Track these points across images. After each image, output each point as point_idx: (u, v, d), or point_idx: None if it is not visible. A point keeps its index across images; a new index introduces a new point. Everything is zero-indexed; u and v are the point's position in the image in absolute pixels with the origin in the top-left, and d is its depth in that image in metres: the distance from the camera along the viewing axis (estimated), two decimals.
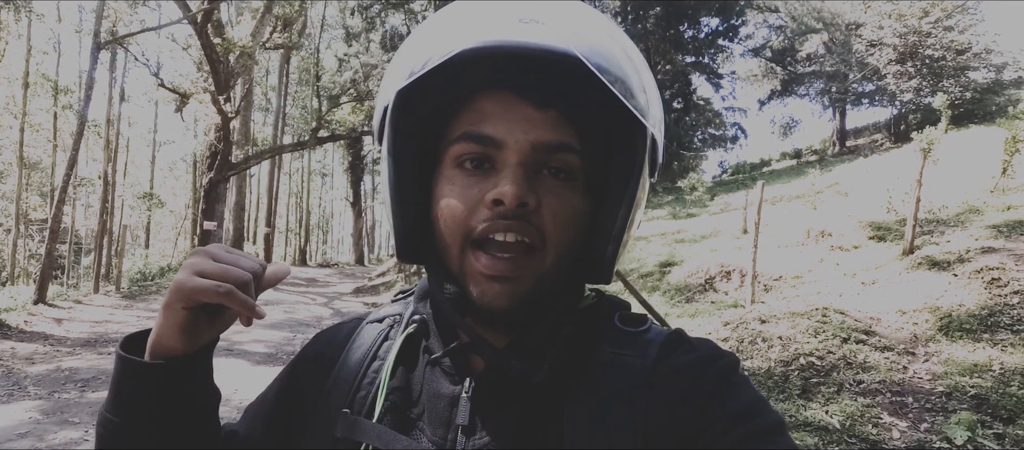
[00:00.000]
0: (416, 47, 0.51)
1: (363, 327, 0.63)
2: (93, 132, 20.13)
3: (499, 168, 0.50)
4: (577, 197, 0.52)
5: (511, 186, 0.48)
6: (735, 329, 4.97)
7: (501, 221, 0.48)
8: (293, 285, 16.22)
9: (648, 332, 0.55)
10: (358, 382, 0.58)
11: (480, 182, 0.50)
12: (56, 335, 7.49)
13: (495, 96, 0.51)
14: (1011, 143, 7.86)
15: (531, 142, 0.50)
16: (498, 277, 0.49)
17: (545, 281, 0.51)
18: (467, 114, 0.52)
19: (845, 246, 7.44)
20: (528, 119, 0.50)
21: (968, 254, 5.27)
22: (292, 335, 8.25)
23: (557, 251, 0.51)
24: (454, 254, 0.51)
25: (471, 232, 0.50)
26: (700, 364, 0.51)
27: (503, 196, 0.48)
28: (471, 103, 0.52)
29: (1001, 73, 18.85)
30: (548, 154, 0.50)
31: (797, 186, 14.59)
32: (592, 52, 0.47)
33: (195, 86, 15.63)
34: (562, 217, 0.50)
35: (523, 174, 0.49)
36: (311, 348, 0.65)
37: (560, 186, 0.51)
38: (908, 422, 3.21)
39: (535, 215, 0.49)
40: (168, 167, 32.11)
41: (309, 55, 24.24)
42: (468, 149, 0.51)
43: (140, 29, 15.56)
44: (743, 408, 0.47)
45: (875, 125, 26.47)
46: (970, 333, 4.11)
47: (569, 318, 0.54)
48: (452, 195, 0.51)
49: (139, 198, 23.20)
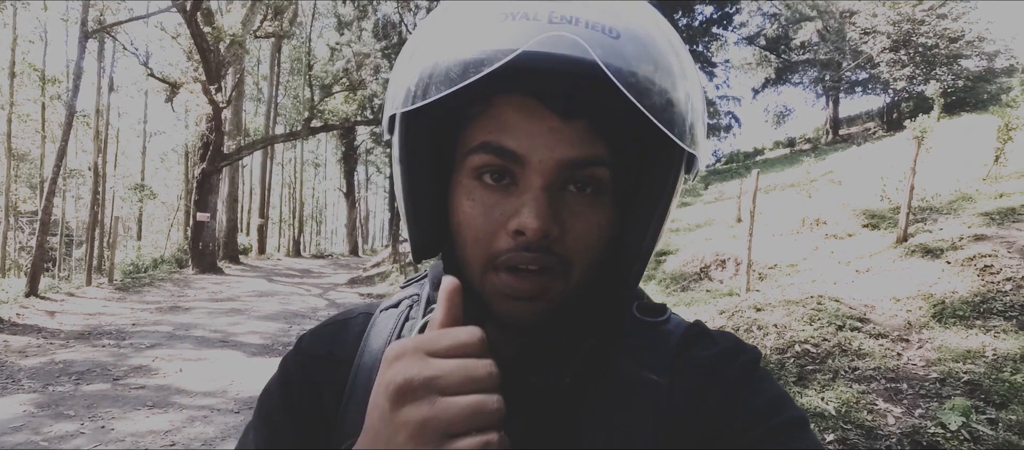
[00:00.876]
0: (425, 51, 0.46)
1: (378, 316, 0.61)
2: (82, 123, 19.91)
3: (521, 185, 0.46)
4: (604, 212, 0.48)
5: (534, 220, 0.44)
6: (730, 317, 5.00)
7: (523, 255, 0.46)
8: (287, 276, 16.18)
9: (668, 323, 0.54)
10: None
11: (501, 201, 0.47)
12: (49, 328, 7.44)
13: (516, 102, 0.46)
14: (1004, 131, 7.90)
15: (557, 160, 0.45)
16: (522, 297, 0.47)
17: (569, 299, 0.49)
18: (485, 121, 0.47)
19: (839, 234, 7.48)
20: (553, 131, 0.45)
21: (961, 241, 5.31)
22: (288, 326, 8.23)
23: (582, 270, 0.48)
24: (475, 272, 0.48)
25: (494, 257, 0.47)
26: (722, 359, 0.50)
27: (525, 229, 0.44)
28: (490, 107, 0.47)
29: (993, 61, 18.94)
30: (574, 170, 0.46)
31: (791, 174, 14.64)
32: (631, 61, 0.42)
33: (185, 76, 15.46)
34: (588, 240, 0.47)
35: (546, 200, 0.45)
36: (316, 345, 0.60)
37: (586, 204, 0.47)
38: (903, 408, 3.24)
39: (559, 243, 0.46)
40: (159, 158, 31.77)
41: (301, 44, 24.01)
42: (487, 161, 0.47)
43: (128, 17, 15.32)
44: (766, 404, 0.46)
45: (868, 113, 26.59)
46: (963, 320, 4.15)
47: (593, 328, 0.52)
48: (473, 213, 0.47)
49: (130, 189, 22.97)
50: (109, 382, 5.18)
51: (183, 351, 6.44)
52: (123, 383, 5.16)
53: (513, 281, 0.46)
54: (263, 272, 17.02)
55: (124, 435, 3.95)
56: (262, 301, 10.69)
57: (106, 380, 5.24)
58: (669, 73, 0.45)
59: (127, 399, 4.71)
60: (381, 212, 51.86)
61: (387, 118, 0.51)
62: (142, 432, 4.01)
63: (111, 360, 5.95)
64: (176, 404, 4.65)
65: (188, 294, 11.18)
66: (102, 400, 4.66)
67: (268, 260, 22.69)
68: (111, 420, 4.23)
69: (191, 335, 7.34)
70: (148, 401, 4.67)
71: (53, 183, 10.02)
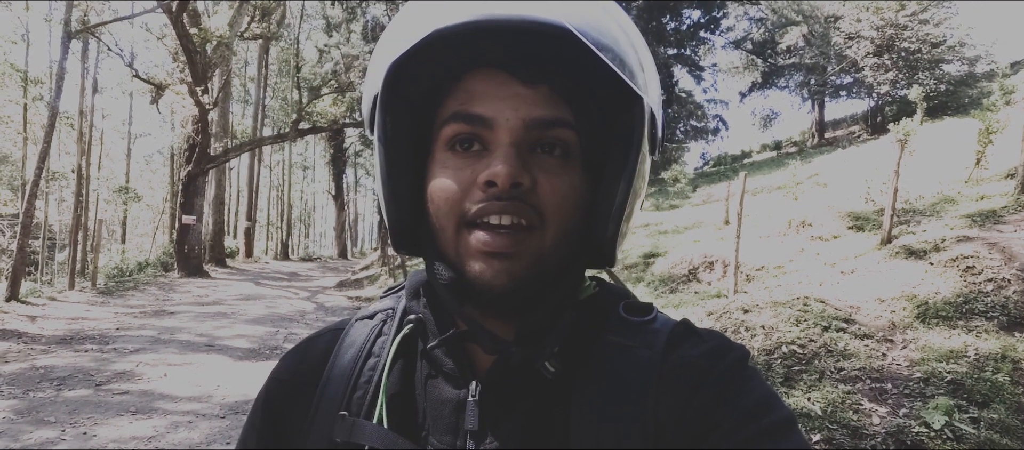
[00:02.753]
0: (399, 29, 0.50)
1: (352, 325, 0.60)
2: (65, 124, 19.61)
3: (491, 149, 0.48)
4: (575, 175, 0.50)
5: (503, 166, 0.46)
6: (719, 319, 5.03)
7: (495, 203, 0.47)
8: (275, 280, 16.04)
9: (654, 322, 0.53)
10: (353, 382, 0.54)
11: (472, 164, 0.49)
12: (30, 333, 7.30)
13: (483, 74, 0.49)
14: (984, 134, 8.04)
15: (522, 119, 0.48)
16: (496, 253, 0.47)
17: (546, 261, 0.49)
18: (456, 95, 0.50)
19: (825, 236, 7.56)
20: (518, 95, 0.48)
21: (944, 243, 5.39)
22: (275, 330, 8.15)
23: (557, 230, 0.49)
24: (449, 236, 0.49)
25: (465, 214, 0.48)
26: (710, 358, 0.50)
27: (495, 177, 0.46)
28: (460, 83, 0.50)
29: (974, 66, 19.27)
30: (541, 130, 0.48)
31: (778, 177, 14.79)
32: (585, 25, 0.45)
33: (171, 77, 15.30)
34: (560, 195, 0.49)
35: (516, 153, 0.47)
36: (282, 370, 0.60)
37: (556, 163, 0.49)
38: (887, 408, 3.28)
39: (531, 194, 0.48)
40: (144, 160, 31.45)
41: (289, 46, 23.86)
42: (458, 130, 0.49)
43: (112, 18, 15.15)
44: (754, 405, 0.46)
45: (853, 117, 26.93)
46: (946, 320, 4.21)
47: (571, 303, 0.53)
48: (444, 177, 0.49)
49: (115, 192, 22.69)
50: (91, 388, 5.10)
51: (168, 356, 6.35)
52: (106, 389, 5.08)
53: (487, 237, 0.47)
54: (250, 275, 16.85)
55: (106, 441, 3.88)
56: (249, 305, 10.58)
57: (88, 386, 5.16)
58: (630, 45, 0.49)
59: (110, 405, 4.63)
60: (370, 215, 51.65)
61: (368, 101, 0.53)
62: (125, 438, 3.94)
63: (94, 365, 5.85)
64: (160, 410, 4.58)
65: (173, 298, 11.04)
66: (84, 406, 4.58)
67: (255, 263, 22.48)
68: (93, 426, 4.15)
69: (176, 339, 7.24)
70: (131, 407, 4.60)
71: (35, 185, 9.85)
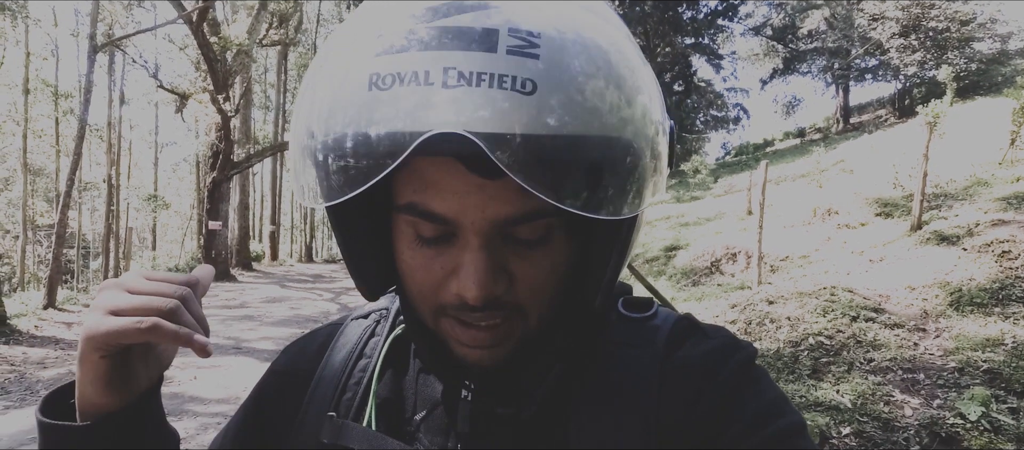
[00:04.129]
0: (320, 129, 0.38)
1: (347, 325, 0.58)
2: (95, 136, 20.21)
3: (458, 242, 0.42)
4: (556, 252, 0.44)
5: (474, 288, 0.40)
6: (743, 311, 4.95)
7: (471, 315, 0.43)
8: (299, 281, 16.29)
9: (655, 317, 0.51)
10: (343, 383, 0.53)
11: (440, 255, 0.43)
12: (67, 339, 7.53)
13: (437, 161, 0.39)
14: (1019, 113, 7.75)
15: (490, 220, 0.40)
16: (478, 346, 0.44)
17: (529, 338, 0.46)
18: (408, 177, 0.41)
19: (852, 224, 7.38)
20: (482, 188, 0.39)
21: (977, 227, 5.21)
22: (299, 331, 8.27)
23: (540, 311, 0.45)
24: (426, 315, 0.46)
25: (442, 306, 0.44)
26: (715, 357, 0.47)
27: (466, 297, 0.41)
28: (409, 163, 0.37)
29: (1006, 43, 18.60)
30: (513, 226, 0.41)
31: (801, 165, 14.49)
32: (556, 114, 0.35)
33: (194, 86, 15.62)
34: (540, 283, 0.44)
35: (486, 261, 0.40)
36: (280, 362, 0.60)
37: (535, 249, 0.43)
38: (920, 399, 3.18)
39: (508, 294, 0.43)
40: (171, 168, 32.21)
41: (307, 51, 24.18)
42: (418, 225, 0.43)
43: (135, 30, 15.53)
44: (762, 409, 0.44)
45: (879, 101, 26.24)
46: (981, 307, 4.07)
47: (561, 356, 0.49)
48: (413, 265, 0.44)
49: (144, 200, 23.28)
50: None
51: (197, 359, 6.47)
52: None
53: (465, 333, 0.44)
54: (276, 278, 17.15)
55: None
56: (274, 307, 10.76)
57: None
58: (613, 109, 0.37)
59: None
60: None
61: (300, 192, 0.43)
62: None
63: None
64: (190, 411, 4.68)
65: (202, 302, 11.28)
66: None
67: (281, 266, 22.86)
68: None
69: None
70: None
71: (67, 196, 10.16)
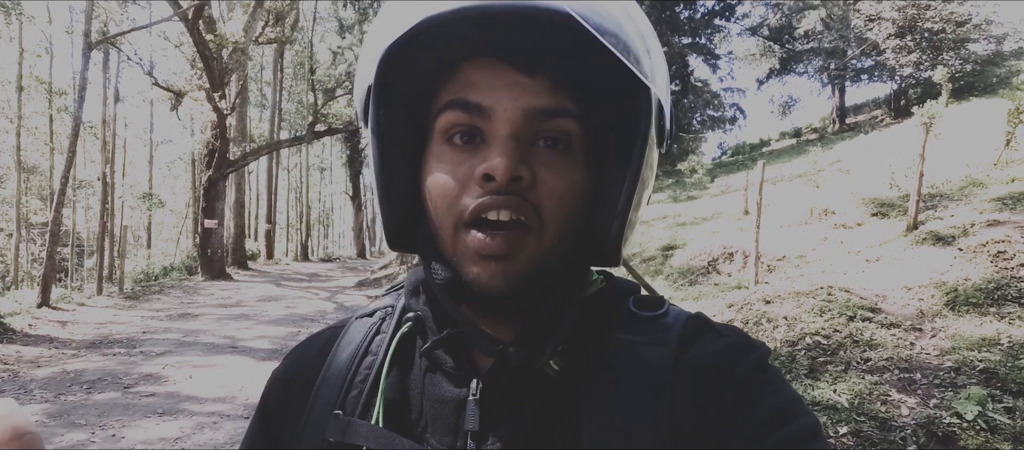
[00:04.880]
0: (390, 17, 0.47)
1: (350, 325, 0.58)
2: (89, 133, 20.08)
3: (489, 141, 0.46)
4: (576, 170, 0.47)
5: (501, 159, 0.43)
6: (740, 311, 4.96)
7: (493, 198, 0.44)
8: (295, 281, 16.23)
9: (666, 316, 0.51)
10: (349, 380, 0.52)
11: (470, 157, 0.46)
12: (61, 338, 7.49)
13: (480, 64, 0.47)
14: (1014, 114, 7.78)
15: (522, 109, 0.45)
16: (493, 256, 0.45)
17: (545, 262, 0.46)
18: (451, 84, 0.48)
19: (848, 224, 7.40)
20: (517, 85, 0.46)
21: (973, 228, 5.23)
22: (296, 330, 8.25)
23: (556, 229, 0.46)
24: (447, 235, 0.47)
25: (463, 212, 0.46)
26: (730, 356, 0.47)
27: (493, 171, 0.44)
28: (454, 73, 0.48)
29: (1001, 44, 18.67)
30: (542, 121, 0.46)
31: (798, 165, 14.53)
32: (587, 9, 0.41)
33: (189, 84, 15.53)
34: (560, 191, 0.46)
35: (515, 146, 0.45)
36: (282, 369, 0.59)
37: (557, 157, 0.46)
38: (917, 398, 3.19)
39: (530, 191, 0.45)
40: (167, 166, 32.00)
41: (303, 49, 24.07)
42: (455, 119, 0.47)
43: (130, 28, 15.43)
44: (777, 410, 0.44)
45: (875, 101, 26.31)
46: (977, 307, 4.08)
47: (574, 303, 0.50)
48: (441, 172, 0.47)
49: (139, 198, 23.13)
50: (119, 390, 5.21)
51: (192, 358, 6.46)
52: (133, 391, 5.19)
53: (483, 239, 0.45)
54: (271, 277, 17.09)
55: (135, 442, 3.96)
56: (270, 306, 10.73)
57: (116, 388, 5.27)
58: (639, 35, 0.45)
59: (137, 407, 4.73)
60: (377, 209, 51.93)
61: (360, 96, 0.51)
62: (152, 440, 4.02)
63: (121, 368, 5.98)
64: (186, 411, 4.66)
65: (197, 301, 11.24)
66: (113, 408, 4.69)
67: (276, 265, 22.79)
68: (121, 428, 4.24)
69: (200, 341, 7.37)
70: (158, 409, 4.69)
71: (61, 194, 10.09)
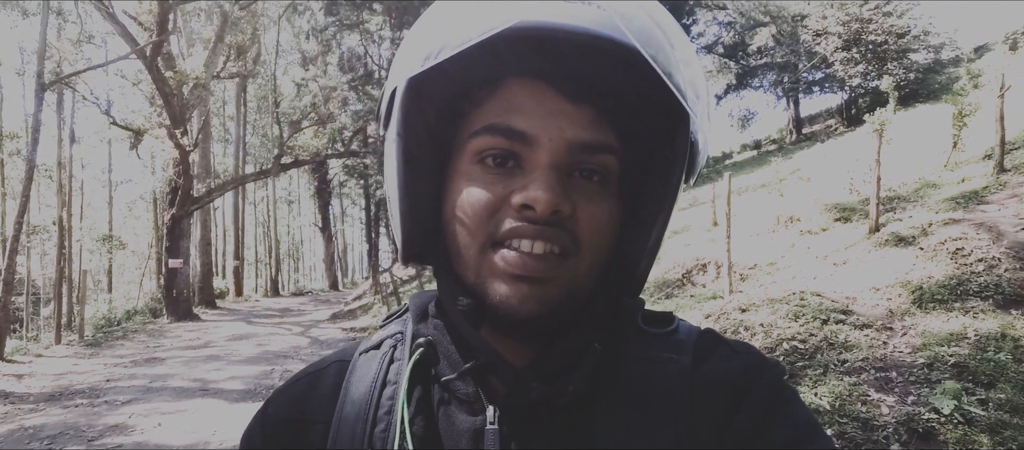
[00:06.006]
0: (434, 24, 0.44)
1: (356, 361, 0.55)
2: (44, 177, 19.34)
3: (526, 168, 0.44)
4: (612, 202, 0.47)
5: (544, 192, 0.42)
6: (717, 320, 5.02)
7: (530, 227, 0.43)
8: (267, 317, 15.80)
9: (677, 332, 0.51)
10: (372, 416, 0.49)
11: (504, 180, 0.44)
12: (17, 392, 7.09)
13: (523, 84, 0.45)
14: (958, 118, 8.20)
15: (568, 141, 0.44)
16: (527, 277, 0.43)
17: (577, 290, 0.45)
18: (492, 103, 0.46)
19: (813, 230, 7.62)
20: (564, 113, 0.44)
21: (931, 227, 5.45)
22: (270, 368, 8.00)
23: (591, 259, 0.45)
24: (472, 255, 0.45)
25: (493, 233, 0.44)
26: (747, 374, 0.47)
27: (534, 203, 0.42)
28: (496, 91, 0.46)
29: (939, 53, 19.73)
30: (584, 155, 0.44)
31: (760, 175, 14.95)
32: (655, 48, 0.41)
33: (149, 121, 15.17)
34: (598, 224, 0.45)
35: (556, 177, 0.43)
36: (285, 409, 0.54)
37: (595, 190, 0.45)
38: (895, 396, 3.27)
39: (569, 221, 0.44)
40: (127, 207, 31.02)
41: (266, 82, 23.83)
42: (493, 143, 0.45)
43: (86, 67, 15.04)
44: (795, 432, 0.44)
45: (828, 111, 27.39)
46: (942, 303, 4.23)
47: (598, 333, 0.48)
48: (472, 191, 0.45)
49: (98, 241, 22.31)
50: (83, 444, 4.94)
51: (160, 404, 6.19)
52: (98, 444, 4.93)
53: (518, 258, 0.43)
54: (241, 315, 16.59)
55: None
56: (241, 345, 10.39)
57: (80, 442, 5.00)
58: (680, 52, 0.44)
59: None
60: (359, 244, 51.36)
61: (387, 96, 0.49)
62: None
63: (84, 421, 5.68)
64: None
65: (164, 344, 10.82)
66: None
67: (246, 302, 22.16)
68: None
69: (169, 386, 7.07)
70: None
71: (15, 241, 9.65)
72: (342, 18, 22.29)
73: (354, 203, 40.27)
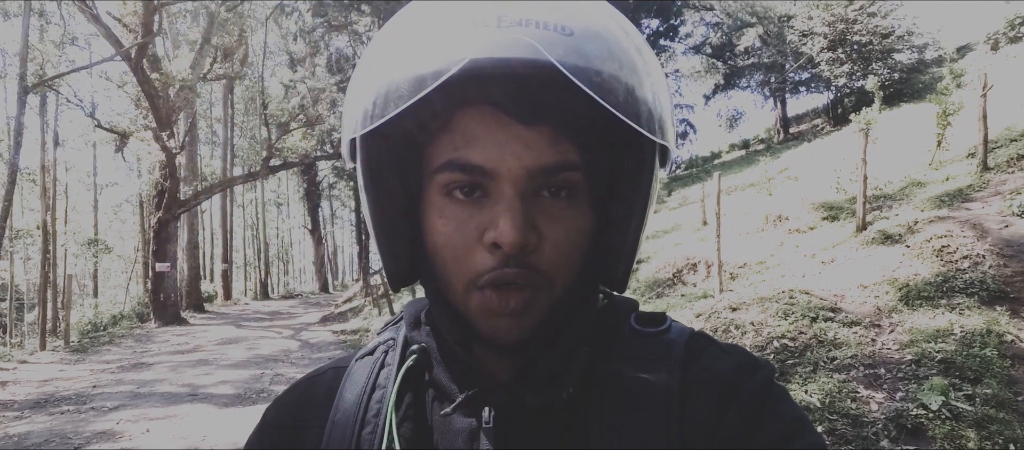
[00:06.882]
0: (371, 75, 0.45)
1: (352, 366, 0.56)
2: (27, 180, 19.05)
3: (493, 196, 0.45)
4: (581, 216, 0.47)
5: (511, 232, 0.43)
6: (708, 319, 5.06)
7: (505, 272, 0.44)
8: (256, 320, 15.67)
9: (669, 332, 0.52)
10: (361, 418, 0.51)
11: (475, 214, 0.45)
12: (1, 400, 6.97)
13: (476, 113, 0.44)
14: (942, 117, 8.31)
15: (527, 168, 0.44)
16: (508, 313, 0.45)
17: (557, 306, 0.47)
18: (447, 137, 0.45)
19: (802, 228, 7.69)
20: (518, 139, 0.44)
21: (917, 225, 5.52)
22: (259, 372, 7.93)
23: (565, 279, 0.47)
24: (458, 293, 0.47)
25: (474, 277, 0.45)
26: (738, 374, 0.48)
27: (500, 242, 0.43)
28: (450, 122, 0.45)
29: (923, 53, 20.00)
30: (546, 177, 0.45)
31: (749, 175, 15.07)
32: (589, 58, 0.40)
33: (135, 124, 15.01)
34: (567, 246, 0.46)
35: (520, 208, 0.44)
36: (280, 415, 0.56)
37: (562, 208, 0.46)
38: (884, 393, 3.31)
39: (536, 253, 0.45)
40: (113, 210, 30.62)
41: (253, 84, 23.65)
42: (454, 178, 0.45)
43: (69, 69, 14.84)
44: (785, 429, 0.45)
45: (815, 111, 27.67)
46: (929, 300, 4.29)
47: (585, 337, 0.50)
48: (446, 231, 0.46)
49: (83, 245, 21.99)
50: None
51: (149, 410, 6.12)
52: None
53: (497, 298, 0.45)
54: (230, 318, 16.45)
55: None
56: (230, 349, 10.30)
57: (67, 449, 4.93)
58: (632, 69, 0.43)
59: None
60: (349, 246, 51.07)
61: (346, 144, 0.49)
62: None
63: (71, 428, 5.60)
64: None
65: (151, 349, 10.69)
66: None
67: (235, 306, 21.97)
68: None
69: (157, 392, 6.99)
70: None
71: None
72: (330, 19, 22.20)
73: (344, 205, 40.08)
